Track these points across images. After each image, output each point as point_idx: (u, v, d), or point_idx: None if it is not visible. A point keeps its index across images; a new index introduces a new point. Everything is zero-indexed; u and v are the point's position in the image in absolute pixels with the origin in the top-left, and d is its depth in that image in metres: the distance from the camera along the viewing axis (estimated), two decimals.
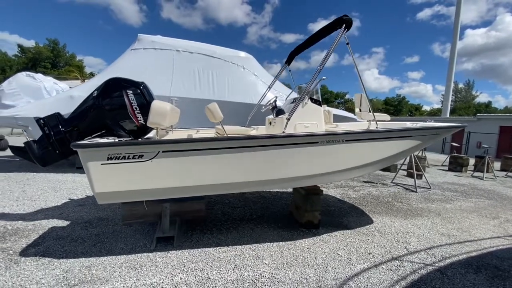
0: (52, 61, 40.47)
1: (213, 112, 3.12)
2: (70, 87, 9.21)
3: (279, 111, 3.79)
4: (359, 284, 2.66)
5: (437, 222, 4.57)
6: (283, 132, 3.00)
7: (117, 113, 3.26)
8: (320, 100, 3.66)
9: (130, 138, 3.17)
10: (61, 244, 3.12)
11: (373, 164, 3.42)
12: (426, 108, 54.62)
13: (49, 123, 3.30)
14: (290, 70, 4.87)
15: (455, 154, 10.81)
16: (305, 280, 2.67)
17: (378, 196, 6.08)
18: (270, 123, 3.92)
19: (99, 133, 3.46)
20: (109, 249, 3.05)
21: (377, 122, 3.44)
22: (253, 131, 4.60)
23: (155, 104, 2.72)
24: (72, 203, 4.56)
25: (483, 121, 17.90)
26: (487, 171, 9.37)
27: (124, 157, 2.49)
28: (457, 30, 27.12)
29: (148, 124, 2.75)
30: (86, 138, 3.41)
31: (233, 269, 2.77)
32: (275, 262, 2.95)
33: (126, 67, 6.68)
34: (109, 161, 2.47)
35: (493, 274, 2.98)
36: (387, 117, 4.27)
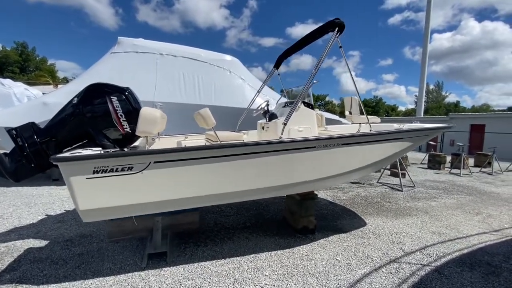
0: (20, 65, 37.99)
1: (205, 118, 2.97)
2: (43, 93, 8.61)
3: (271, 116, 3.71)
4: None
5: (426, 220, 4.67)
6: (280, 137, 2.91)
7: (100, 121, 3.03)
8: (312, 103, 3.63)
9: (116, 149, 2.95)
10: (39, 268, 2.82)
11: (368, 167, 3.43)
12: (402, 108, 57.03)
13: (23, 133, 3.00)
14: (279, 74, 4.81)
15: (433, 152, 11.29)
16: None
17: (367, 196, 6.16)
18: (263, 127, 3.82)
19: (80, 143, 3.20)
20: (95, 270, 2.79)
21: (371, 125, 3.45)
22: (244, 136, 4.49)
23: (145, 111, 2.53)
24: (49, 220, 4.19)
25: (455, 120, 18.92)
26: (463, 168, 9.85)
27: (111, 170, 2.28)
28: (428, 35, 28.61)
29: (137, 133, 2.56)
30: (66, 150, 3.14)
31: (233, 284, 2.63)
32: (276, 273, 2.84)
33: (105, 71, 6.31)
34: (95, 175, 2.25)
35: (487, 270, 3.06)
36: (377, 119, 4.33)
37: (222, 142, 3.05)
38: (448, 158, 11.24)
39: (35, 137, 3.00)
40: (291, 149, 2.84)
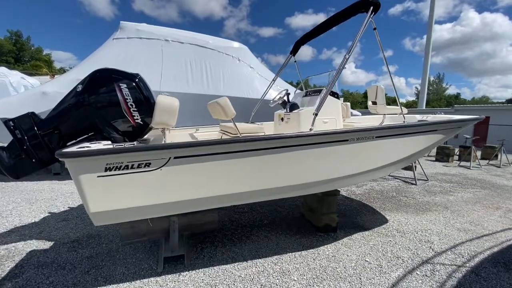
0: (15, 55, 36.96)
1: (225, 108, 2.69)
2: (40, 83, 8.19)
3: (293, 106, 3.42)
4: None
5: (448, 216, 4.47)
6: (310, 129, 2.63)
7: (108, 112, 2.74)
8: (338, 92, 3.34)
9: (128, 143, 2.66)
10: (45, 274, 2.56)
11: (400, 162, 3.18)
12: (402, 100, 56.76)
13: (22, 125, 2.70)
14: (295, 61, 4.49)
15: (441, 145, 11.07)
16: None
17: (382, 191, 5.95)
18: (282, 119, 3.54)
19: (86, 136, 2.91)
20: (107, 276, 2.54)
21: (404, 116, 3.17)
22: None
23: (162, 100, 2.24)
24: (53, 218, 3.92)
25: (460, 112, 18.68)
26: (472, 161, 9.67)
27: (126, 167, 2.00)
28: (431, 25, 28.02)
29: (153, 124, 2.28)
30: (70, 143, 2.85)
31: None
32: (304, 277, 2.62)
33: (107, 58, 5.91)
34: (108, 173, 1.97)
35: None
36: (404, 110, 4.05)
37: (242, 135, 2.78)
38: (455, 150, 11.06)
39: (36, 129, 2.70)
40: (323, 142, 2.56)
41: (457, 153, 10.98)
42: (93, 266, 2.70)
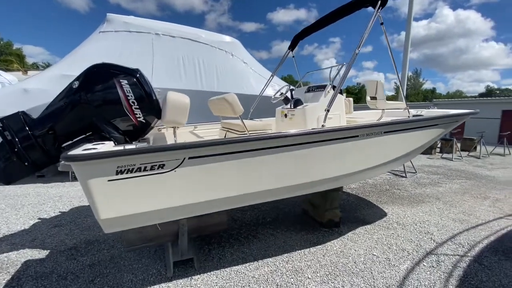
0: None
1: (233, 105, 2.60)
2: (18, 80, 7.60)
3: (297, 102, 3.37)
4: None
5: (441, 207, 4.64)
6: (323, 125, 2.59)
7: (107, 110, 2.57)
8: (341, 88, 3.32)
9: (130, 142, 2.52)
10: (45, 285, 2.38)
11: (405, 156, 3.23)
12: None
13: (12, 125, 2.48)
14: (293, 56, 4.43)
15: None
16: None
17: (375, 184, 6.10)
18: (286, 115, 3.49)
19: (83, 136, 2.72)
20: (114, 284, 2.40)
21: (409, 111, 3.22)
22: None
23: (173, 96, 2.12)
24: (44, 224, 3.67)
25: (440, 106, 19.51)
26: (454, 152, 10.13)
27: (139, 169, 1.87)
28: (410, 21, 28.84)
29: (165, 123, 2.15)
30: (66, 144, 2.66)
31: None
32: (318, 274, 2.61)
33: (94, 52, 5.55)
34: (119, 176, 1.84)
35: None
36: (403, 105, 4.12)
37: (250, 132, 2.71)
38: (437, 143, 11.52)
39: (28, 129, 2.49)
40: (335, 139, 2.53)
41: (439, 146, 11.46)
42: (97, 274, 2.54)
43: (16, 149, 2.46)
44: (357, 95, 49.84)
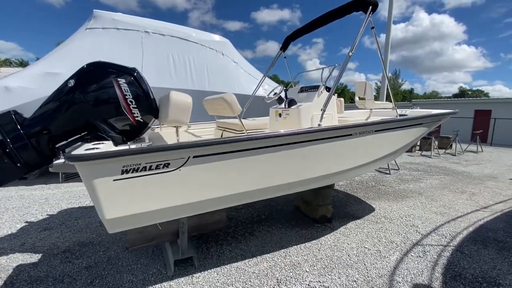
0: None
1: (231, 104, 2.64)
2: None
3: (291, 101, 3.46)
4: (405, 277, 2.61)
5: (423, 201, 4.92)
6: (319, 124, 2.70)
7: (105, 109, 2.53)
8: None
9: (127, 142, 2.50)
10: None
11: (393, 154, 3.41)
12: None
13: (2, 125, 2.39)
14: (285, 57, 4.53)
15: None
16: (354, 283, 2.50)
17: (361, 181, 6.34)
18: (280, 114, 3.57)
19: (78, 135, 2.66)
20: (113, 285, 2.38)
21: (397, 111, 3.40)
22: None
23: (176, 96, 2.14)
24: (32, 228, 3.53)
25: (418, 105, 20.45)
26: (432, 150, 10.71)
27: (144, 168, 1.88)
28: (390, 24, 29.95)
29: (167, 123, 2.16)
30: (60, 144, 2.60)
31: (278, 285, 2.44)
32: (315, 268, 2.72)
33: (80, 50, 5.37)
34: (124, 175, 1.84)
35: (498, 246, 3.27)
36: (390, 105, 4.33)
37: (248, 131, 2.77)
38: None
39: (20, 129, 2.41)
40: (331, 137, 2.65)
41: (418, 144, 12.05)
42: (96, 276, 2.50)
43: (7, 150, 2.37)
44: (340, 95, 51.07)
